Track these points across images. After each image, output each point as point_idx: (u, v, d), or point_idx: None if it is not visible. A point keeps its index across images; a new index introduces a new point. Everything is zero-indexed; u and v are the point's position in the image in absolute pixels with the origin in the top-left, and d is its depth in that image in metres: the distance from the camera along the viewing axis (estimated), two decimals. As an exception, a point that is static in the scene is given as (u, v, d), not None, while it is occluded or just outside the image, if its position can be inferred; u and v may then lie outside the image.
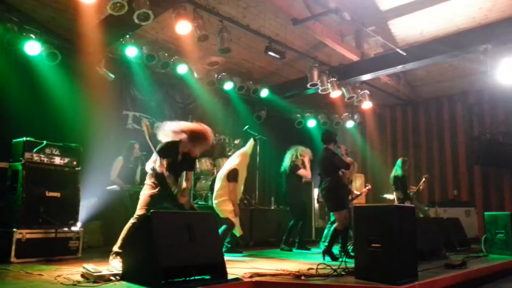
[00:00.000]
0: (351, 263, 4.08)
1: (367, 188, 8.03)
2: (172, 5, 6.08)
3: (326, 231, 7.06)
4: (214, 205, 6.07)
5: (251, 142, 6.47)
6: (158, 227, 3.28)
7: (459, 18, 7.39)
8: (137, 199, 6.87)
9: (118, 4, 5.28)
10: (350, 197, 7.20)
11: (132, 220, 4.22)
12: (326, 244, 5.85)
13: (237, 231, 6.01)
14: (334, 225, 5.79)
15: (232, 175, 6.02)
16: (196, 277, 3.30)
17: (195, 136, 4.41)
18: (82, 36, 6.56)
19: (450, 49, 7.71)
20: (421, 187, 8.64)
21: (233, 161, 6.21)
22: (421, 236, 4.83)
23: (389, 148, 11.78)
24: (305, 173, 7.00)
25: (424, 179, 8.60)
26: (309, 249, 6.89)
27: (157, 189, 4.32)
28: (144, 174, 7.05)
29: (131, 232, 4.07)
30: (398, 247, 3.62)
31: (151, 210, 3.59)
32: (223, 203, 5.95)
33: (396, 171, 8.22)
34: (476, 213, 9.29)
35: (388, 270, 3.59)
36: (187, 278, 3.25)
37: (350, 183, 7.60)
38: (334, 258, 5.40)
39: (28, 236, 4.68)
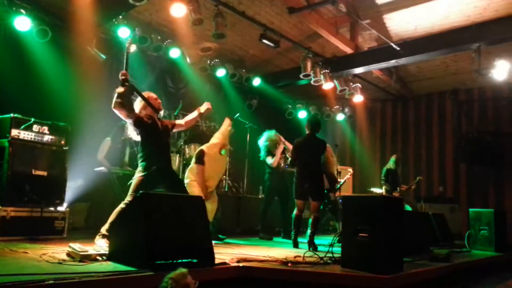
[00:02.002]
0: (338, 253, 4.11)
1: (349, 174, 8.08)
2: (168, -13, 5.99)
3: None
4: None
5: (226, 121, 6.13)
6: (147, 209, 3.26)
7: (454, 16, 7.42)
8: (126, 181, 6.85)
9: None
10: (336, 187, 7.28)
11: (121, 205, 4.13)
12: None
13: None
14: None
15: (197, 157, 5.77)
16: (184, 260, 3.28)
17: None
18: (74, 14, 6.44)
19: (443, 46, 7.76)
20: (412, 186, 8.77)
21: (204, 146, 5.96)
22: (408, 228, 4.87)
23: (377, 142, 11.86)
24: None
25: (418, 179, 8.74)
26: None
27: (151, 169, 4.24)
28: (133, 156, 7.04)
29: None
30: (384, 238, 3.65)
31: (140, 192, 3.56)
32: (189, 185, 5.61)
33: (389, 165, 8.50)
34: (461, 209, 9.43)
35: (374, 260, 3.62)
36: (174, 261, 3.23)
37: (339, 174, 7.65)
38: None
39: (13, 213, 4.62)
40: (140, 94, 4.43)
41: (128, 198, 4.15)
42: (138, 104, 4.57)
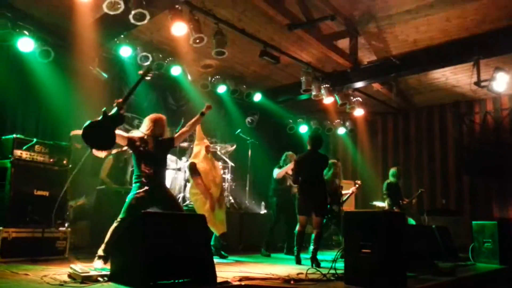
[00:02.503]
0: (341, 269, 4.08)
1: (357, 185, 8.03)
2: (169, 6, 6.06)
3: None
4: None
5: (198, 130, 6.09)
6: (147, 228, 3.26)
7: (452, 29, 7.46)
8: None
9: (115, 3, 5.26)
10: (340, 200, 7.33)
11: (114, 224, 4.17)
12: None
13: (214, 230, 5.67)
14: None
15: (190, 170, 5.90)
16: (185, 280, 3.27)
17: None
18: (76, 34, 6.51)
19: (442, 59, 7.82)
20: (414, 200, 8.73)
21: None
22: (411, 242, 4.84)
23: (379, 155, 11.84)
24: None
25: (420, 191, 8.71)
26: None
27: (143, 190, 4.28)
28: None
29: (116, 234, 4.03)
30: (387, 253, 3.63)
31: (142, 211, 3.56)
32: (196, 202, 5.75)
33: (389, 178, 8.43)
34: (464, 222, 9.36)
35: (377, 275, 3.60)
36: (176, 281, 3.22)
37: (341, 188, 7.65)
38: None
39: (14, 235, 4.61)
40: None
41: (120, 215, 4.20)
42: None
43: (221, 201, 5.86)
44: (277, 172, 7.05)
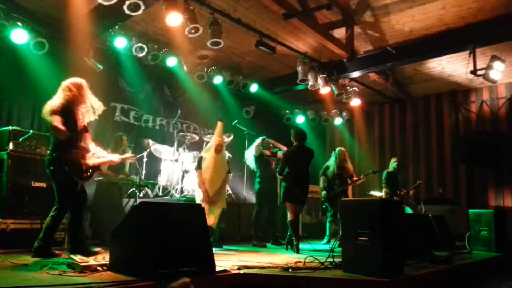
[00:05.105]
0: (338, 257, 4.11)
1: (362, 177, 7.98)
2: (163, -4, 6.02)
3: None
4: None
5: (218, 125, 6.29)
6: (146, 218, 3.26)
7: (449, 18, 7.46)
8: (126, 191, 6.86)
9: (109, -7, 5.22)
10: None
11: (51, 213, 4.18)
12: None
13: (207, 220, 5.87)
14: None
15: (197, 163, 6.18)
16: (185, 269, 3.28)
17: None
18: (71, 25, 6.47)
19: (438, 48, 7.81)
20: (412, 191, 8.76)
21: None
22: (408, 231, 4.88)
23: (376, 145, 11.88)
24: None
25: (417, 183, 8.74)
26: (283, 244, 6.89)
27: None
28: (133, 166, 7.05)
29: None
30: (384, 241, 3.65)
31: (140, 201, 3.56)
32: (196, 191, 6.07)
33: (390, 168, 8.57)
34: (461, 210, 9.42)
35: (375, 263, 3.62)
36: (175, 270, 3.23)
37: (348, 173, 7.69)
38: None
39: (12, 226, 4.62)
40: None
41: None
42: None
43: (214, 200, 5.93)
44: (249, 154, 7.07)
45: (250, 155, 7.08)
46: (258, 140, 6.98)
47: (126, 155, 5.17)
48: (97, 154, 4.44)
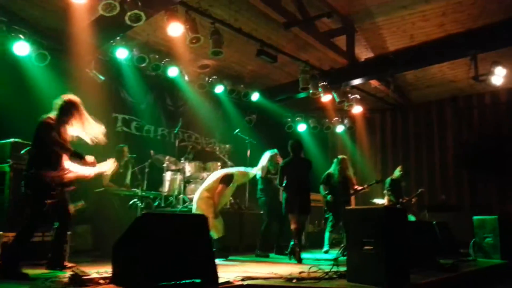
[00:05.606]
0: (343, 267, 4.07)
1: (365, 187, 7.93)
2: (164, 7, 6.05)
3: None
4: (194, 201, 6.15)
5: (266, 155, 6.78)
6: (148, 229, 3.24)
7: (449, 24, 7.47)
8: (127, 202, 6.82)
9: (110, 5, 5.24)
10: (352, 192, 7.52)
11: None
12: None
13: (214, 234, 5.88)
14: None
15: (226, 179, 6.24)
16: (187, 281, 3.25)
17: None
18: (72, 37, 6.48)
19: (439, 54, 7.81)
20: (414, 199, 8.71)
21: (233, 169, 6.55)
22: (412, 239, 4.83)
23: (378, 152, 11.85)
24: None
25: (419, 191, 8.70)
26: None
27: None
28: (134, 177, 7.03)
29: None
30: (389, 249, 3.62)
31: (144, 212, 3.54)
32: (203, 200, 6.09)
33: (394, 175, 8.59)
34: (464, 217, 9.35)
35: (380, 272, 3.58)
36: (178, 282, 3.20)
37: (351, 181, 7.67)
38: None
39: (14, 239, 4.58)
40: None
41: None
42: None
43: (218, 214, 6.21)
44: (256, 171, 7.03)
45: (258, 173, 7.06)
46: (267, 156, 6.89)
47: (101, 169, 5.03)
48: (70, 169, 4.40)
